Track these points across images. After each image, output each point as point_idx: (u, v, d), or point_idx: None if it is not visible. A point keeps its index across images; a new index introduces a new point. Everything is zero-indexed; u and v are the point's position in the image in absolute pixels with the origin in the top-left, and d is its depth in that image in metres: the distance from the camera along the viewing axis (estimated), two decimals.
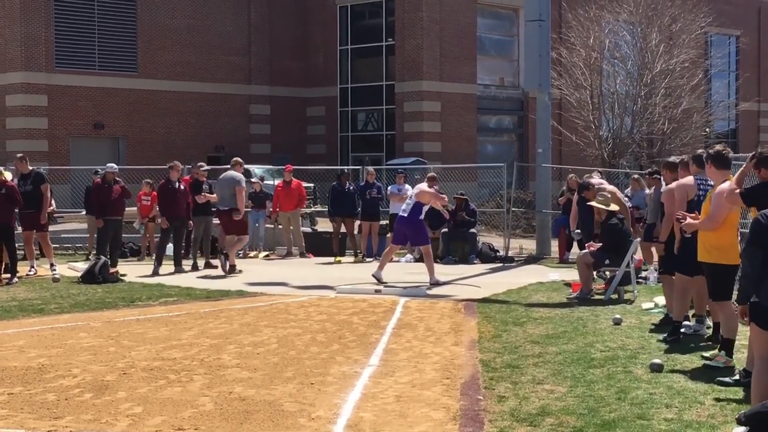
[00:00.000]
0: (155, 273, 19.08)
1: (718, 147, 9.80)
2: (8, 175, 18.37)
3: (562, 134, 37.04)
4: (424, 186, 18.50)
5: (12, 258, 17.94)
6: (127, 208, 20.72)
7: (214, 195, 21.16)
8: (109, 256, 18.81)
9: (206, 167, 21.96)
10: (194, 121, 43.97)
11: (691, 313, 11.86)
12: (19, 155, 19.63)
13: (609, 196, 15.91)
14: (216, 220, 20.72)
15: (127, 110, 42.14)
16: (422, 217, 17.61)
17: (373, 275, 17.37)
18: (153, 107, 42.83)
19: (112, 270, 18.17)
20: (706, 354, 9.95)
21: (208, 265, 20.54)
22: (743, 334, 10.14)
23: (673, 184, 11.59)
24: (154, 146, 41.77)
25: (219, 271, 19.77)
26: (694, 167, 11.35)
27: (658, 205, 12.90)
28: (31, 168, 19.07)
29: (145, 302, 15.21)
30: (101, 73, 41.43)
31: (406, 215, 17.41)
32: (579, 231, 16.89)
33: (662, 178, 13.58)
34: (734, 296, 9.07)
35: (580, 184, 17.12)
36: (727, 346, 9.60)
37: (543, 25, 24.01)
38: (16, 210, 18.41)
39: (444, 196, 18.39)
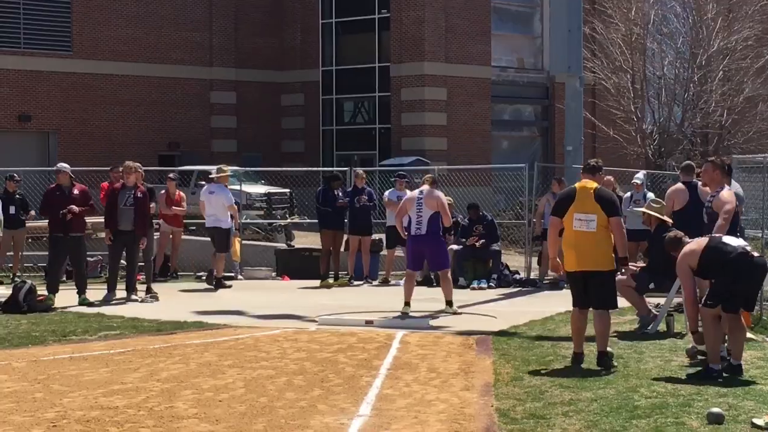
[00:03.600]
0: (106, 301, 19.21)
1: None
2: None
3: (597, 128, 37.08)
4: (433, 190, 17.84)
5: None
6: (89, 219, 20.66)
7: (153, 205, 21.34)
8: (75, 283, 19.18)
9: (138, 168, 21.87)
10: (142, 112, 43.94)
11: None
12: None
13: (664, 204, 15.95)
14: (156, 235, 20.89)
15: (60, 99, 42.11)
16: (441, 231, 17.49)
17: (401, 312, 17.02)
18: (91, 95, 42.78)
19: (77, 296, 18.37)
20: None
21: (149, 291, 20.35)
22: None
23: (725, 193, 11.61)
24: (93, 143, 41.72)
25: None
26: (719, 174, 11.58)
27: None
28: None
29: (80, 336, 15.17)
30: (27, 53, 41.41)
31: (423, 232, 17.19)
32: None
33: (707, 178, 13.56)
34: None
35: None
36: None
37: None
38: None
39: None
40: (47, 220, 19.45)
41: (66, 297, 19.25)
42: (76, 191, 19.35)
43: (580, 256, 12.32)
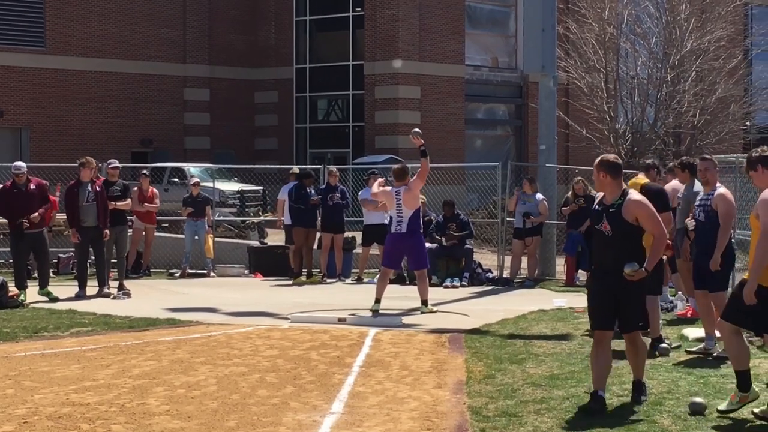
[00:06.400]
0: (79, 297, 19.21)
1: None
2: None
3: (570, 127, 37.12)
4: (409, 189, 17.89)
5: None
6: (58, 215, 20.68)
7: (128, 201, 21.17)
8: (38, 278, 19.32)
9: (117, 164, 21.82)
10: (115, 109, 43.76)
11: None
12: None
13: None
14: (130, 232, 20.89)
15: (32, 94, 41.90)
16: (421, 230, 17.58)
17: (371, 309, 17.14)
18: (64, 91, 42.59)
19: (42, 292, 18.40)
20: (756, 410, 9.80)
21: (121, 288, 20.24)
22: None
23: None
24: (66, 139, 41.54)
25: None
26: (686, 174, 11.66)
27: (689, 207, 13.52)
28: None
29: (52, 333, 15.12)
30: None
31: (403, 230, 17.29)
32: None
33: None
34: None
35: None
36: None
37: None
38: None
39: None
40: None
41: (37, 293, 19.20)
42: (32, 186, 19.26)
43: None
